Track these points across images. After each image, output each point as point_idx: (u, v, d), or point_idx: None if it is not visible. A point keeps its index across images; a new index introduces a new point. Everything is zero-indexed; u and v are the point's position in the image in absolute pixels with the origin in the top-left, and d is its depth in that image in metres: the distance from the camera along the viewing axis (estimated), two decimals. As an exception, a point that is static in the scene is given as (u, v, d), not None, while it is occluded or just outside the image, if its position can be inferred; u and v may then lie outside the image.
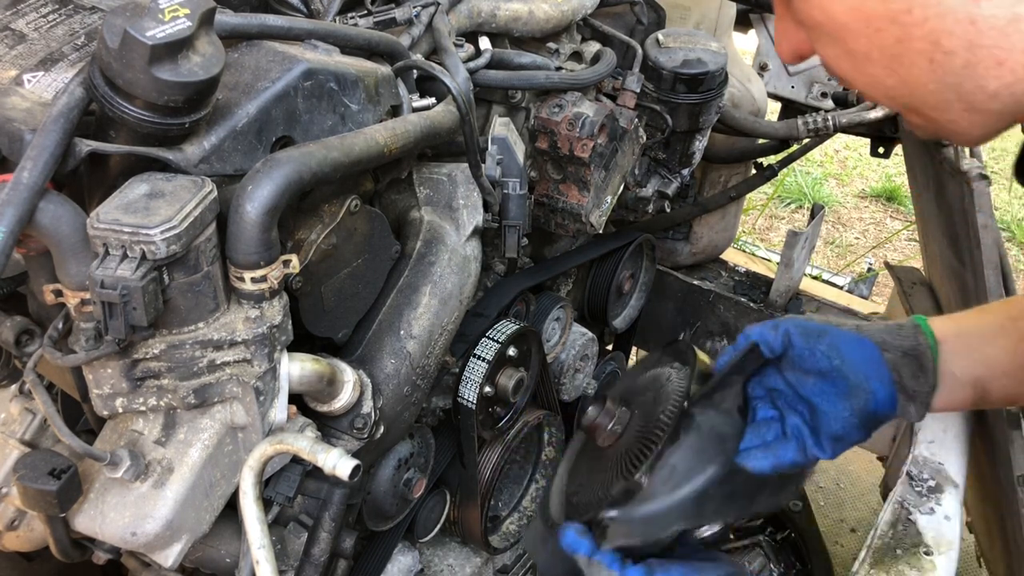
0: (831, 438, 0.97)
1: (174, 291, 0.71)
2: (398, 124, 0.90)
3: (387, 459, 1.04)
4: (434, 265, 1.00)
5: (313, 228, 0.86)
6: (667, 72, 1.29)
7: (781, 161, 1.76)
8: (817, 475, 2.33)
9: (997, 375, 1.00)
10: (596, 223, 1.23)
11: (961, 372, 1.00)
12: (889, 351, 0.99)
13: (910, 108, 0.72)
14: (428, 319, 0.98)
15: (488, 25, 1.13)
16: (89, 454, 0.73)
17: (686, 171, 1.45)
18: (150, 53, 0.66)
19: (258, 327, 0.76)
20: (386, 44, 0.96)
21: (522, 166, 1.11)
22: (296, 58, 0.82)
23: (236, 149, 0.78)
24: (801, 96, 1.87)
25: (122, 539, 0.76)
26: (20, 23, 0.82)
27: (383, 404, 0.93)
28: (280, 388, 0.80)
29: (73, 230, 0.69)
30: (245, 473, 0.79)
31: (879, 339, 1.00)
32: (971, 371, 1.00)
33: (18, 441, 0.88)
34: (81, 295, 0.69)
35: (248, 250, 0.73)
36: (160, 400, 0.76)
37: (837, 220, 3.64)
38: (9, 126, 0.71)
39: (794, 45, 0.75)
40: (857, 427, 0.97)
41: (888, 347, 1.00)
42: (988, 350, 1.01)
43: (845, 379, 0.97)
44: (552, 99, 1.17)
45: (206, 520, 0.80)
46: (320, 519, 0.88)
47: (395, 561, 1.11)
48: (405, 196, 1.07)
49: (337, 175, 0.80)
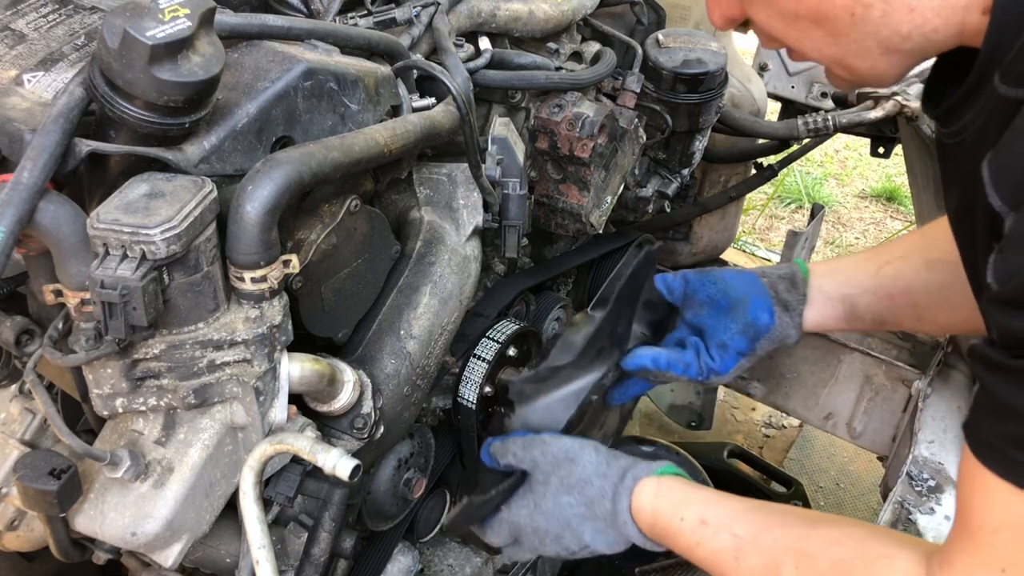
0: (717, 346, 1.15)
1: (174, 291, 0.71)
2: (398, 124, 0.90)
3: (387, 459, 1.04)
4: (434, 265, 1.00)
5: (313, 228, 0.86)
6: (667, 72, 1.29)
7: (781, 161, 1.76)
8: (817, 475, 2.34)
9: (861, 292, 1.16)
10: (596, 223, 1.23)
11: (831, 289, 1.17)
12: (766, 276, 1.19)
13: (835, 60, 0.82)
14: (428, 319, 0.98)
15: (488, 25, 1.13)
16: (89, 454, 0.73)
17: (686, 171, 1.45)
18: (150, 53, 0.66)
19: (258, 327, 0.76)
20: (386, 44, 0.96)
21: (522, 166, 1.11)
22: (296, 58, 0.82)
23: (236, 149, 0.78)
24: (801, 96, 1.87)
25: (122, 539, 0.76)
26: (20, 23, 0.82)
27: (383, 404, 0.93)
28: (280, 388, 0.80)
29: (73, 230, 0.69)
30: (245, 473, 0.79)
31: (758, 271, 1.20)
32: (839, 288, 1.17)
33: (18, 441, 0.88)
34: (81, 295, 0.69)
35: (248, 250, 0.73)
36: (160, 400, 0.76)
37: (837, 220, 3.64)
38: (9, 126, 0.71)
39: (726, 11, 0.85)
40: (739, 333, 1.15)
41: (765, 274, 1.19)
42: (853, 273, 1.18)
43: (728, 297, 1.16)
44: (552, 99, 1.17)
45: (206, 520, 0.80)
46: (320, 519, 0.88)
47: (395, 561, 1.11)
48: (405, 196, 1.07)
49: (337, 175, 0.80)
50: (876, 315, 1.17)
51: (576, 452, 1.04)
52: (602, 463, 1.04)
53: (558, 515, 1.02)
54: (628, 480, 1.01)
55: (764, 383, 1.68)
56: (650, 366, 1.15)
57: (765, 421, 2.54)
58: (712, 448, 2.06)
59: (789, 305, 1.16)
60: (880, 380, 1.53)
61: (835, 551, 0.84)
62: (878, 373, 1.53)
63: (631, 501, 1.00)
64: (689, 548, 0.95)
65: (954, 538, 0.75)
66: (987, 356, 0.68)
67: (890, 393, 1.53)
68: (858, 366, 1.56)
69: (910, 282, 1.15)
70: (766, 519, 0.92)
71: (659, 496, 0.99)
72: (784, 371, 1.64)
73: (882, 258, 1.17)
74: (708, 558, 0.93)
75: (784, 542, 0.87)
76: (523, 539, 1.04)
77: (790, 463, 2.36)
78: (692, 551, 0.95)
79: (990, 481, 0.69)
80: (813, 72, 1.84)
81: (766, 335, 1.15)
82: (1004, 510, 0.69)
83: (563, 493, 1.02)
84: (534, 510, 1.03)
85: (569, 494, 1.02)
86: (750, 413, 2.56)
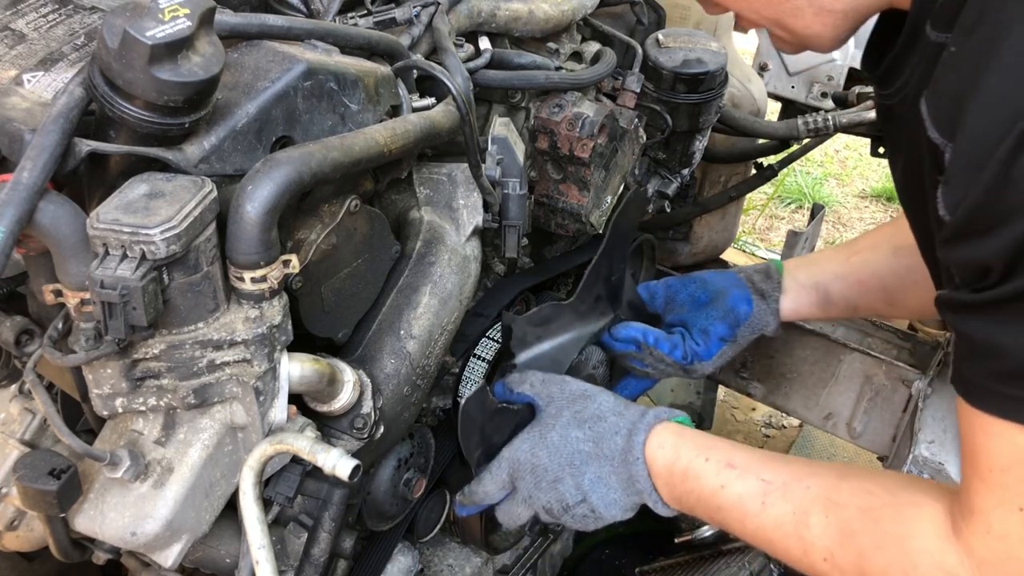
0: (699, 331, 1.22)
1: (174, 291, 0.71)
2: (398, 124, 0.90)
3: (387, 459, 1.04)
4: (434, 265, 1.00)
5: (313, 228, 0.86)
6: (667, 72, 1.29)
7: (781, 161, 1.76)
8: (817, 475, 2.34)
9: (832, 279, 1.24)
10: (596, 223, 1.23)
11: (804, 279, 1.25)
12: (743, 272, 1.28)
13: (774, 22, 0.86)
14: (428, 319, 0.98)
15: (488, 25, 1.13)
16: (89, 454, 0.73)
17: (686, 171, 1.45)
18: (150, 53, 0.66)
19: (258, 327, 0.76)
20: (386, 44, 0.96)
21: (522, 166, 1.11)
22: (296, 58, 0.82)
23: (236, 149, 0.78)
24: (801, 96, 1.87)
25: (122, 539, 0.76)
26: (20, 23, 0.82)
27: (383, 404, 0.93)
28: (280, 388, 0.80)
29: (73, 230, 0.69)
30: (245, 473, 0.79)
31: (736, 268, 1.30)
32: (811, 277, 1.25)
33: (18, 441, 0.88)
34: (81, 295, 0.69)
35: (248, 250, 0.73)
36: (160, 400, 0.76)
37: (837, 220, 3.64)
38: (9, 126, 0.71)
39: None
40: (720, 320, 1.22)
41: (742, 270, 1.28)
42: (825, 263, 1.27)
43: (707, 292, 1.25)
44: (552, 99, 1.17)
45: (206, 520, 0.80)
46: (320, 519, 0.88)
47: (395, 561, 1.11)
48: (405, 196, 1.07)
49: (337, 175, 0.80)
50: (848, 301, 1.23)
51: (595, 392, 1.03)
52: (620, 404, 1.02)
53: (562, 450, 0.98)
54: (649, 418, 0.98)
55: (764, 383, 1.68)
56: (639, 337, 1.21)
57: (765, 421, 2.54)
58: (712, 448, 2.06)
59: (765, 293, 1.23)
60: (880, 380, 1.53)
61: (864, 499, 0.83)
62: (878, 373, 1.53)
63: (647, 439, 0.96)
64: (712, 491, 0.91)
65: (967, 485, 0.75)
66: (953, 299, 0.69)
67: (890, 393, 1.53)
68: (858, 366, 1.56)
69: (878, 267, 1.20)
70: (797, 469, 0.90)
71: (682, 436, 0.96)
72: (784, 371, 1.64)
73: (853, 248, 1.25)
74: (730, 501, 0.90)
75: (815, 491, 0.86)
76: (519, 482, 1.00)
77: (790, 463, 2.36)
78: (714, 494, 0.91)
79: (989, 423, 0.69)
80: (813, 72, 1.84)
81: (746, 322, 1.23)
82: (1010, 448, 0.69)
83: (573, 427, 0.99)
84: (538, 442, 0.99)
85: (580, 428, 0.99)
86: (750, 413, 2.56)
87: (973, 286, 0.65)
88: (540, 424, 1.01)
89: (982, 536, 0.73)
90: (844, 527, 0.82)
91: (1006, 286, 0.62)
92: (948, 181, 0.65)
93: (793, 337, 1.59)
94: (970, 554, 0.74)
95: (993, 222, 0.60)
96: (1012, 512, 0.70)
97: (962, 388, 0.72)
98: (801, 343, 1.60)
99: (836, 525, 0.83)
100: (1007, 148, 0.58)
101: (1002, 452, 0.69)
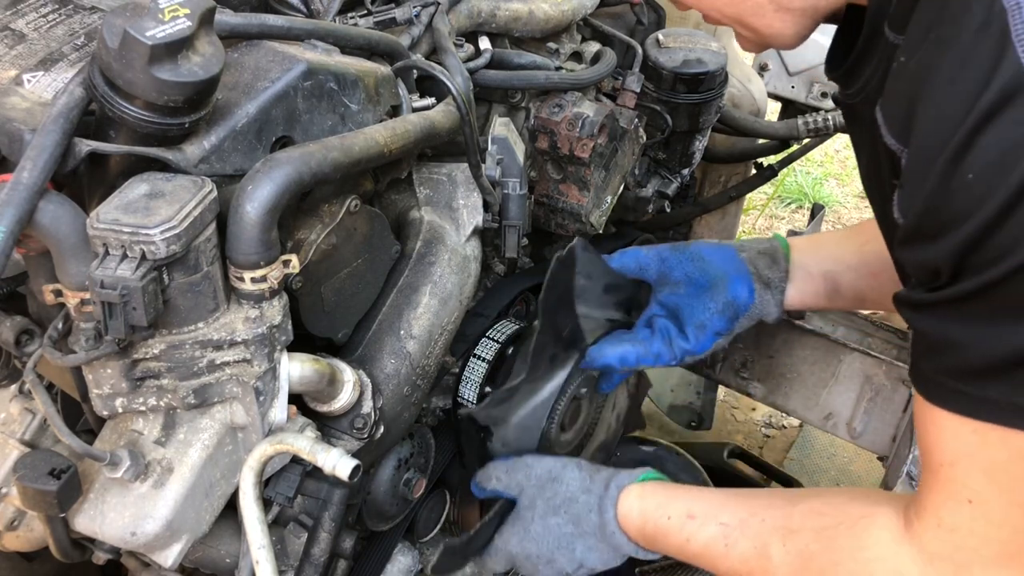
0: (694, 326, 1.12)
1: (174, 291, 0.71)
2: (398, 124, 0.90)
3: (387, 459, 1.04)
4: (434, 265, 1.00)
5: (313, 228, 0.86)
6: (667, 72, 1.29)
7: (781, 161, 1.76)
8: (817, 475, 2.34)
9: (843, 269, 1.14)
10: (596, 223, 1.23)
11: (812, 266, 1.15)
12: (745, 251, 1.15)
13: (736, 20, 0.86)
14: (428, 319, 0.98)
15: (488, 25, 1.13)
16: (89, 454, 0.73)
17: (686, 171, 1.45)
18: (150, 53, 0.66)
19: (258, 327, 0.76)
20: (386, 44, 0.96)
21: (522, 166, 1.11)
22: (296, 58, 0.82)
23: (236, 149, 0.78)
24: (801, 96, 1.87)
25: (122, 539, 0.76)
26: (20, 23, 0.82)
27: (383, 404, 0.93)
28: (280, 388, 0.80)
29: (73, 230, 0.69)
30: (245, 473, 0.79)
31: (737, 245, 1.16)
32: (821, 265, 1.14)
33: (18, 441, 0.88)
34: (81, 295, 0.69)
35: (248, 250, 0.73)
36: (160, 400, 0.76)
37: (837, 220, 3.64)
38: (9, 126, 0.71)
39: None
40: (718, 313, 1.12)
41: (744, 248, 1.15)
42: (835, 249, 1.16)
43: (707, 275, 1.12)
44: (552, 99, 1.17)
45: (206, 520, 0.80)
46: (320, 519, 0.88)
47: (395, 561, 1.11)
48: (405, 196, 1.07)
49: (337, 175, 0.80)
50: (858, 292, 1.15)
51: (559, 471, 1.06)
52: (585, 479, 1.05)
53: (547, 537, 1.03)
54: (612, 490, 1.02)
55: (764, 383, 1.68)
56: (617, 365, 1.13)
57: (765, 421, 2.54)
58: (712, 448, 2.06)
59: (771, 283, 1.14)
60: (880, 380, 1.53)
61: (817, 521, 0.85)
62: (878, 373, 1.53)
63: (617, 510, 1.01)
64: (680, 545, 0.96)
65: (922, 482, 0.76)
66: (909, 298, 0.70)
67: (890, 393, 1.52)
68: (858, 366, 1.55)
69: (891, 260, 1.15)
70: (750, 504, 0.93)
71: (644, 499, 1.00)
72: (784, 371, 1.64)
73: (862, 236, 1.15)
74: (700, 551, 0.94)
75: (770, 522, 0.89)
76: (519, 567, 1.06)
77: (790, 463, 2.36)
78: (684, 547, 0.95)
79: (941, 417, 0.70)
80: (813, 72, 1.84)
81: (746, 313, 1.14)
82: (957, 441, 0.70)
83: (550, 514, 1.03)
84: (524, 536, 1.04)
85: (556, 514, 1.03)
86: (750, 413, 2.56)
87: (927, 286, 0.67)
88: (519, 517, 1.05)
89: (933, 530, 0.74)
90: (802, 551, 0.84)
91: (955, 287, 0.63)
92: (903, 186, 0.67)
93: (793, 337, 1.59)
94: (922, 550, 0.75)
95: (938, 228, 0.62)
96: (961, 505, 0.71)
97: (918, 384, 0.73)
98: (801, 343, 1.59)
99: (794, 551, 0.85)
100: (946, 159, 0.60)
101: (951, 446, 0.70)
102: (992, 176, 0.58)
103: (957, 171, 0.59)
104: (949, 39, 0.61)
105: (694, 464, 1.66)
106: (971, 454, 0.69)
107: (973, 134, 0.58)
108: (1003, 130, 0.57)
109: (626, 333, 1.17)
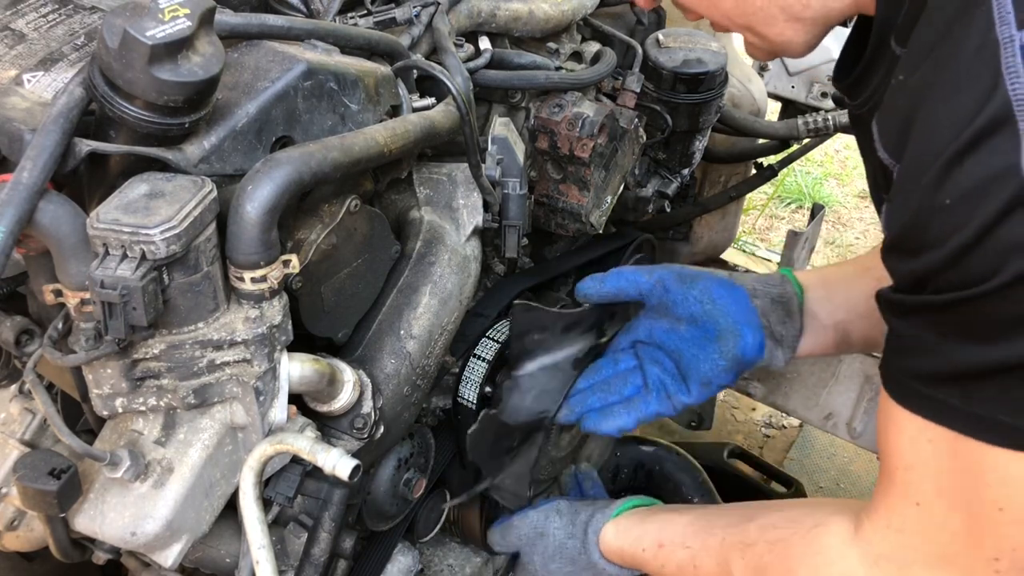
0: (699, 382, 1.06)
1: (174, 291, 0.71)
2: (398, 124, 0.90)
3: (387, 459, 1.04)
4: (434, 265, 1.00)
5: (313, 228, 0.86)
6: (667, 72, 1.29)
7: (781, 161, 1.76)
8: (817, 475, 2.34)
9: (855, 317, 1.08)
10: (596, 223, 1.22)
11: (825, 316, 1.09)
12: (758, 297, 1.07)
13: (746, 27, 0.86)
14: (428, 319, 0.98)
15: (488, 25, 1.13)
16: (89, 454, 0.73)
17: (686, 171, 1.45)
18: (150, 53, 0.66)
19: (258, 327, 0.76)
20: (386, 44, 0.96)
21: (522, 166, 1.11)
22: (296, 58, 0.82)
23: (236, 149, 0.78)
24: (801, 96, 1.87)
25: (122, 539, 0.76)
26: (20, 23, 0.82)
27: (383, 404, 0.93)
28: (280, 388, 0.80)
29: (73, 230, 0.69)
30: (245, 473, 0.79)
31: (750, 286, 1.08)
32: (833, 315, 1.09)
33: (18, 441, 0.88)
34: (81, 295, 0.69)
35: (248, 250, 0.73)
36: (160, 400, 0.76)
37: (837, 220, 3.64)
38: (9, 126, 0.71)
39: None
40: (725, 370, 1.06)
41: (758, 294, 1.07)
42: (848, 294, 1.09)
43: (716, 323, 1.05)
44: (552, 99, 1.17)
45: (206, 520, 0.80)
46: (320, 519, 0.88)
47: (395, 561, 1.11)
48: (405, 196, 1.07)
49: (337, 175, 0.80)
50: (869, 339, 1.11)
51: (543, 524, 1.14)
52: (567, 525, 1.13)
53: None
54: (591, 535, 1.09)
55: (764, 383, 1.68)
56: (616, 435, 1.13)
57: (765, 421, 2.54)
58: (712, 448, 2.06)
59: (783, 340, 1.07)
60: (880, 380, 1.53)
61: (771, 533, 0.87)
62: (878, 373, 1.53)
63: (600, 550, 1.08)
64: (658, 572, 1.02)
65: (877, 485, 0.77)
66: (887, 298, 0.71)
67: (890, 393, 1.52)
68: (858, 366, 1.56)
69: None
70: (710, 523, 0.97)
71: (618, 538, 1.06)
72: (784, 371, 1.64)
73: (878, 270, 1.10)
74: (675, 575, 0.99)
75: (729, 540, 0.92)
76: None
77: (790, 463, 2.36)
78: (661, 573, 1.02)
79: (903, 419, 0.70)
80: (813, 72, 1.84)
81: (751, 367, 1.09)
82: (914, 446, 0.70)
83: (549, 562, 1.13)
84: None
85: (553, 561, 1.12)
86: (750, 413, 2.56)
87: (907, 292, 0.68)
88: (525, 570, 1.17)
89: (883, 531, 0.75)
90: (758, 564, 0.87)
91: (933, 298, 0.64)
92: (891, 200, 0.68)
93: (793, 337, 1.59)
94: (869, 550, 0.77)
95: (918, 246, 0.64)
96: (909, 506, 0.72)
97: (887, 382, 0.74)
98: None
99: (752, 565, 0.88)
100: (929, 181, 0.61)
101: (910, 450, 0.71)
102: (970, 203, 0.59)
103: (938, 194, 0.61)
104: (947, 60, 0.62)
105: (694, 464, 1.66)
106: (925, 460, 0.70)
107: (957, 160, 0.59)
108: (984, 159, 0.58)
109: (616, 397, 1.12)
